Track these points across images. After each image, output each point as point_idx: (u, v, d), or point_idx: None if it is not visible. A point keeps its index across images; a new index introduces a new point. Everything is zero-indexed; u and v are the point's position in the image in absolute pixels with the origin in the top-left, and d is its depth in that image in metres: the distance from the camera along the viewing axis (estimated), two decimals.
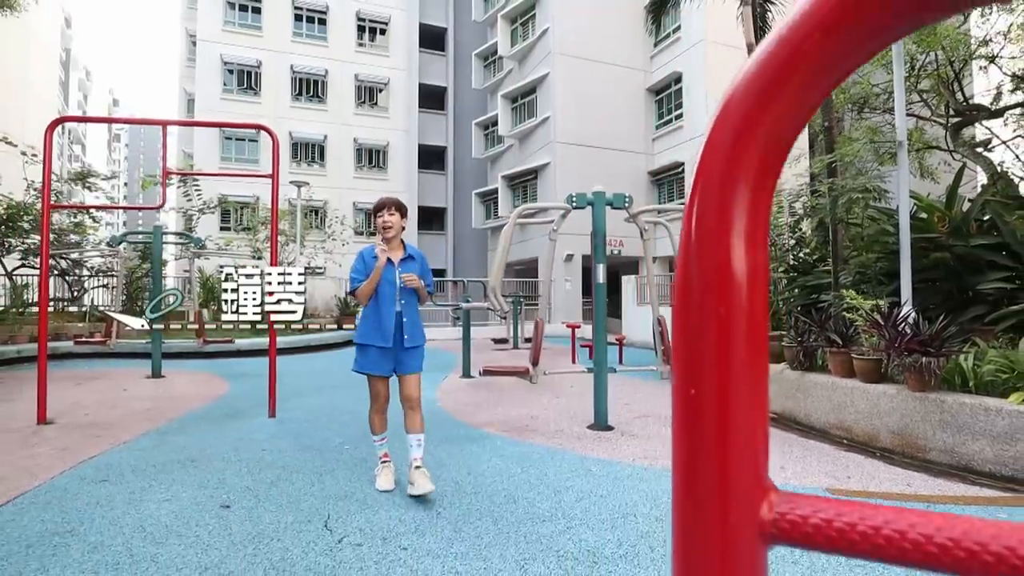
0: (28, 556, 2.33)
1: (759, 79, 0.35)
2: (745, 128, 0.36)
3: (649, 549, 2.40)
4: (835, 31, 0.32)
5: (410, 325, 3.13)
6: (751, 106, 0.36)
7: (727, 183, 0.37)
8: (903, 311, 4.62)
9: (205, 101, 22.55)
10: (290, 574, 2.17)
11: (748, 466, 0.34)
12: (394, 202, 3.21)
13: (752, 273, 0.35)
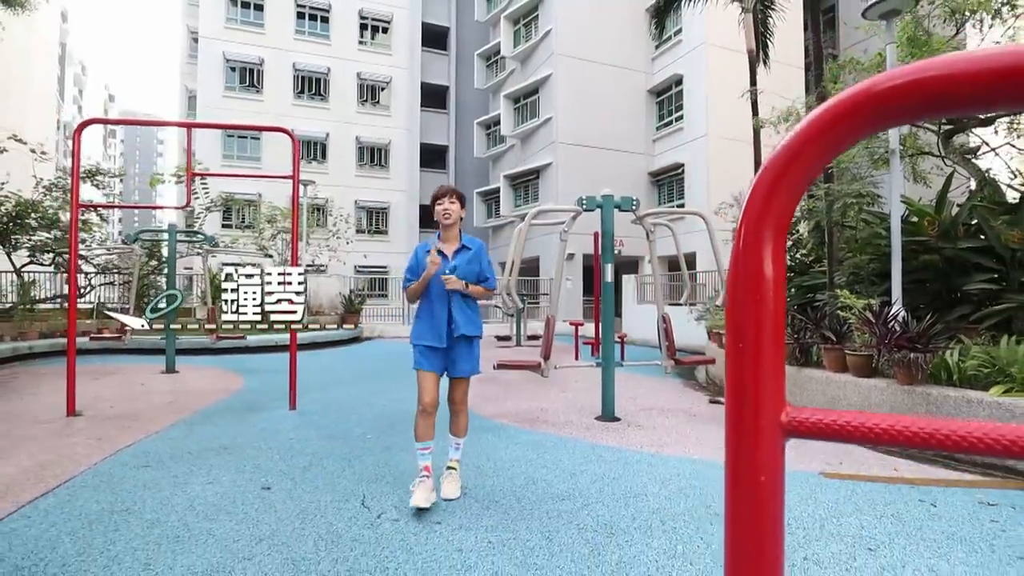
0: (92, 531, 2.55)
1: (785, 153, 0.58)
2: (775, 183, 0.59)
3: (660, 523, 2.64)
4: (837, 126, 0.55)
5: (459, 315, 2.96)
6: (779, 170, 0.59)
7: (762, 218, 0.60)
8: (893, 310, 4.87)
9: (207, 98, 22.70)
10: (337, 544, 2.40)
11: (772, 390, 0.57)
12: (454, 190, 3.04)
13: (776, 276, 0.58)
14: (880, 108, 0.52)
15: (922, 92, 0.50)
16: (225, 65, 23.12)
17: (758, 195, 0.60)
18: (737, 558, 0.57)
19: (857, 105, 0.54)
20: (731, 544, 0.58)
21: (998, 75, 0.46)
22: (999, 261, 5.36)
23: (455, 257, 2.99)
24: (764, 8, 10.76)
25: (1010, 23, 6.65)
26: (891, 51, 5.23)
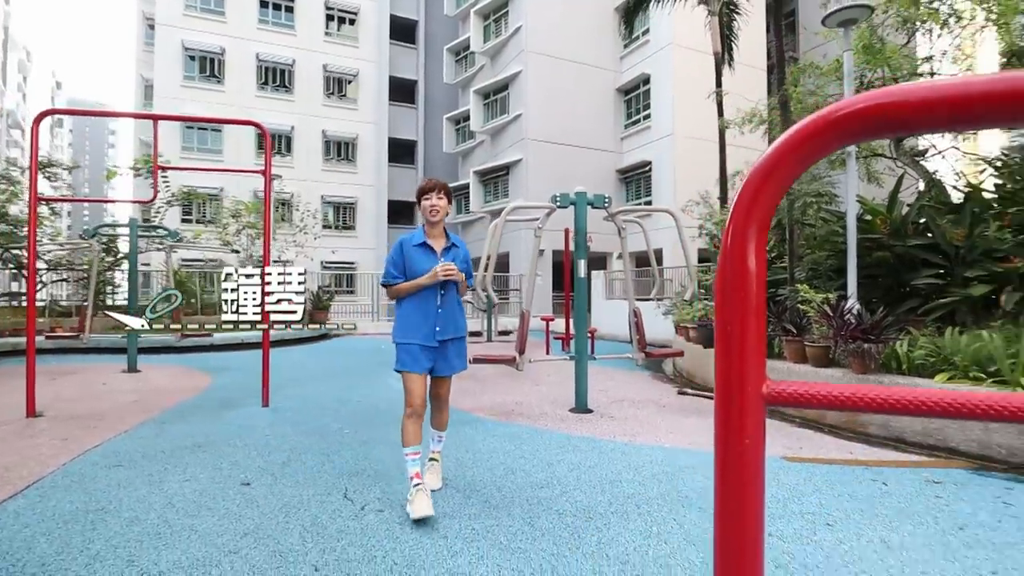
0: (68, 531, 2.52)
1: (764, 166, 0.67)
2: (757, 191, 0.68)
3: (635, 507, 2.77)
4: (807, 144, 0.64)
5: (447, 315, 2.85)
6: (759, 181, 0.68)
7: (746, 221, 0.69)
8: (849, 303, 5.15)
9: (165, 88, 21.95)
10: (324, 536, 2.44)
11: (755, 366, 0.66)
12: (442, 185, 2.88)
13: (758, 270, 0.68)
14: (842, 130, 0.62)
15: (875, 116, 0.60)
16: (184, 54, 22.38)
17: (743, 202, 0.69)
18: (726, 507, 0.67)
19: (823, 127, 0.63)
20: (720, 496, 0.67)
21: (931, 104, 0.56)
22: (944, 257, 5.70)
23: (444, 255, 2.86)
24: (729, 12, 11.09)
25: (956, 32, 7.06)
26: (848, 58, 5.50)
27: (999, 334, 4.30)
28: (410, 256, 2.81)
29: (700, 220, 8.88)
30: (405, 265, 2.81)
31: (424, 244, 2.85)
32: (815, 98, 7.84)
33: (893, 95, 0.60)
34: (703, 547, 2.34)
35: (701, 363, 6.89)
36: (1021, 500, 2.93)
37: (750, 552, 0.66)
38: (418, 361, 2.77)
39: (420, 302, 2.81)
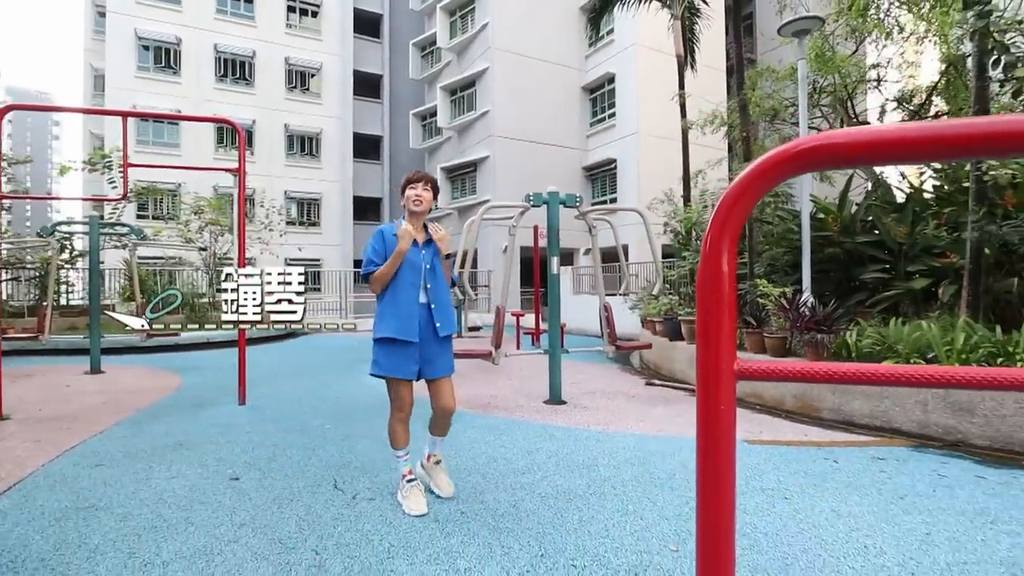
0: (62, 528, 2.55)
1: (737, 188, 0.84)
2: (730, 208, 0.85)
3: (611, 488, 2.97)
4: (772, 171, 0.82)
5: (441, 310, 2.69)
6: (732, 200, 0.86)
7: (721, 233, 0.86)
8: (804, 297, 5.51)
9: (117, 79, 21.11)
10: (321, 522, 2.55)
11: (728, 348, 0.84)
12: (430, 178, 2.82)
13: (729, 270, 0.85)
14: (797, 163, 0.80)
15: (822, 153, 0.78)
16: (137, 43, 21.55)
17: (719, 218, 0.87)
18: (707, 456, 0.84)
19: (783, 160, 0.81)
20: (701, 452, 0.85)
21: (866, 145, 0.75)
22: (889, 253, 6.14)
23: (425, 247, 2.73)
24: (691, 16, 11.47)
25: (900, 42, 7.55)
26: (802, 66, 5.85)
27: (936, 324, 4.69)
28: (392, 245, 2.67)
29: (665, 218, 9.20)
30: (387, 254, 2.67)
31: None
32: (771, 101, 8.23)
33: (836, 137, 0.78)
34: (675, 521, 2.56)
35: (667, 355, 7.19)
36: (953, 472, 3.27)
37: (725, 489, 0.83)
38: (402, 366, 2.61)
39: (399, 294, 2.64)
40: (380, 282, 2.67)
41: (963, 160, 6.06)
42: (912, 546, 2.31)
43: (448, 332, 2.70)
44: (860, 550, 2.28)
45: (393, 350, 2.62)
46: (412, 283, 2.67)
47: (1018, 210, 5.13)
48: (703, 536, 0.85)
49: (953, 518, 2.59)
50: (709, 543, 0.85)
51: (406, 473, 2.73)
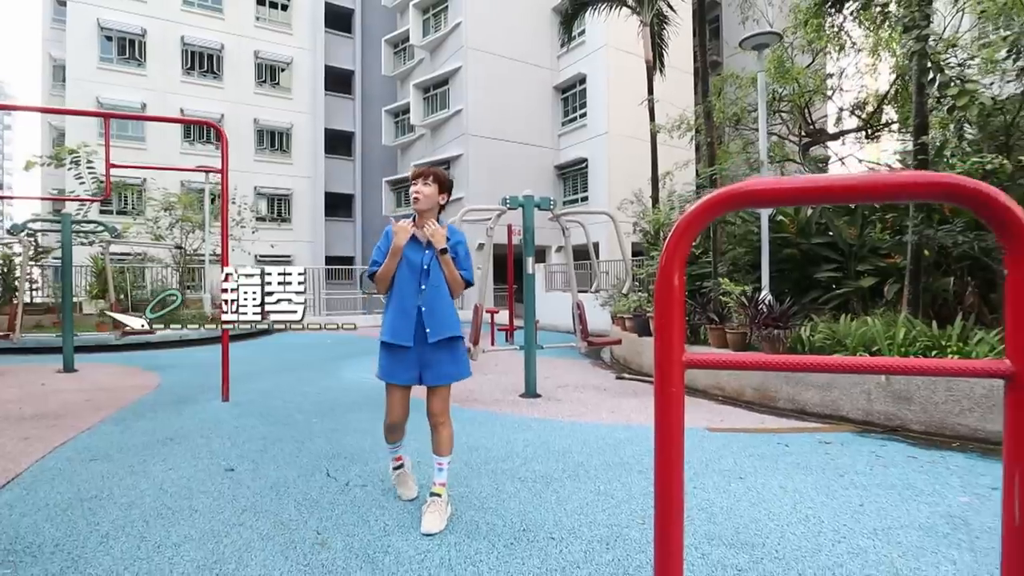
0: (69, 516, 2.69)
1: (688, 217, 1.10)
2: (682, 235, 1.11)
3: (585, 472, 3.25)
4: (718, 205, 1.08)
5: (431, 314, 2.53)
6: (684, 228, 1.12)
7: (674, 254, 1.12)
8: (763, 295, 5.90)
9: (79, 71, 20.51)
10: (318, 506, 2.75)
11: (678, 342, 1.10)
12: (432, 172, 2.62)
13: (679, 283, 1.11)
14: (734, 202, 1.07)
15: (746, 197, 1.05)
16: (100, 34, 20.96)
17: (672, 242, 1.13)
18: (663, 426, 1.10)
19: (725, 199, 1.07)
20: (659, 419, 1.11)
21: (774, 192, 1.02)
22: (841, 254, 6.59)
23: (431, 248, 2.57)
24: (660, 23, 11.85)
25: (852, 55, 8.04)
26: (761, 78, 6.23)
27: (881, 320, 5.13)
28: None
29: (635, 218, 9.56)
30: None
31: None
32: (735, 108, 8.65)
33: (754, 186, 1.05)
34: (642, 500, 2.84)
35: (636, 350, 7.54)
36: (889, 453, 3.66)
37: (675, 450, 1.10)
38: (396, 368, 2.53)
39: (399, 293, 2.55)
40: (382, 282, 2.58)
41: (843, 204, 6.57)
42: (846, 515, 2.65)
43: (439, 337, 2.53)
44: (802, 519, 2.60)
45: (391, 354, 2.55)
46: (409, 284, 2.55)
47: (954, 216, 5.61)
48: (660, 481, 1.11)
49: (884, 492, 2.95)
50: (664, 490, 1.11)
51: (394, 460, 2.88)
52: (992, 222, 0.97)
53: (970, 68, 5.70)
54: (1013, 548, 0.94)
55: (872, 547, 2.32)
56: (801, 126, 8.80)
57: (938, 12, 5.86)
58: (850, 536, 2.43)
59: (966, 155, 4.48)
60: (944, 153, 5.35)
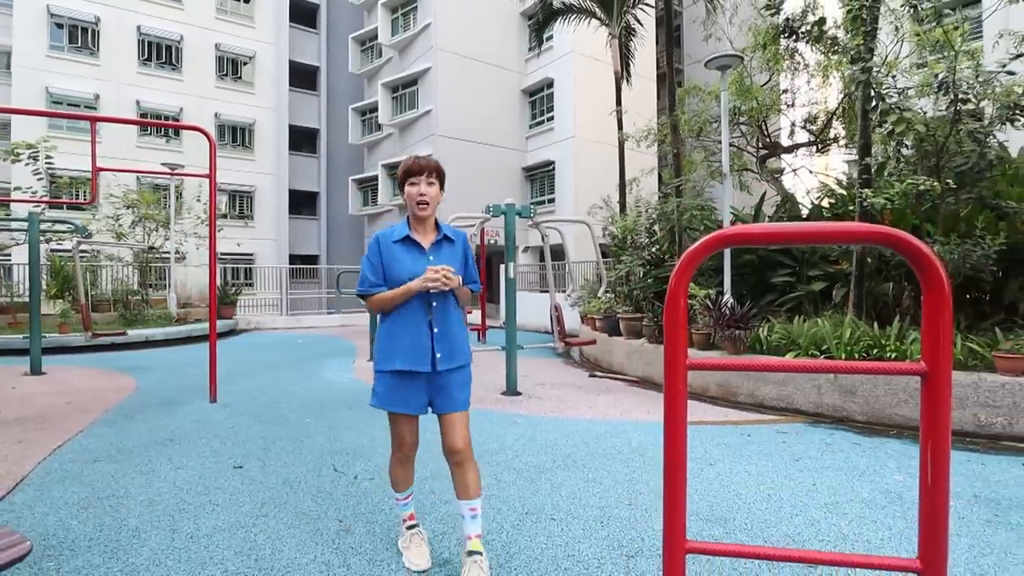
0: (93, 513, 2.82)
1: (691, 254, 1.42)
2: (684, 269, 1.43)
3: (573, 462, 3.57)
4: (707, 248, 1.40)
5: (444, 337, 2.18)
6: (687, 261, 1.44)
7: (680, 280, 1.44)
8: (725, 298, 6.37)
9: (26, 58, 19.59)
10: (333, 498, 2.98)
11: (682, 349, 1.42)
12: (433, 167, 2.20)
13: (683, 303, 1.43)
14: (721, 244, 1.40)
15: (736, 238, 1.38)
16: (50, 20, 20.04)
17: (679, 273, 1.45)
18: (672, 419, 1.42)
19: (714, 242, 1.40)
20: (668, 413, 1.42)
21: (761, 236, 1.35)
22: (795, 260, 7.15)
23: (434, 252, 2.21)
24: (627, 35, 12.33)
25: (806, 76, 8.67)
26: (725, 97, 6.71)
27: (829, 321, 5.66)
28: (391, 255, 2.17)
29: (604, 222, 9.98)
30: (385, 268, 2.17)
31: (407, 239, 2.20)
32: (699, 120, 9.17)
33: (743, 230, 1.38)
34: (627, 485, 3.19)
35: (607, 349, 7.94)
36: (837, 441, 4.12)
37: (680, 432, 1.41)
38: (402, 395, 2.17)
39: (407, 316, 2.17)
40: (382, 307, 2.20)
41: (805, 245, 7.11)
42: (802, 493, 3.06)
43: (451, 365, 2.19)
44: (764, 498, 2.99)
45: (397, 379, 2.17)
46: (418, 303, 2.17)
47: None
48: (669, 456, 1.43)
49: (833, 473, 3.38)
50: (671, 473, 1.43)
51: (406, 518, 2.36)
52: (910, 259, 1.32)
53: (910, 89, 6.32)
54: (927, 501, 1.30)
55: (823, 518, 2.73)
56: (759, 139, 9.39)
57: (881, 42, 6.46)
58: (805, 510, 2.83)
59: (903, 175, 5.03)
60: (884, 173, 5.93)
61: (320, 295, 21.95)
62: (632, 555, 2.37)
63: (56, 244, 10.92)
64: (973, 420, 4.34)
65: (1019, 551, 2.39)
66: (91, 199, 5.24)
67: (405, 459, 2.32)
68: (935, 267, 1.30)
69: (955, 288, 6.01)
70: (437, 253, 2.22)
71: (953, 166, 4.82)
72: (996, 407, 4.27)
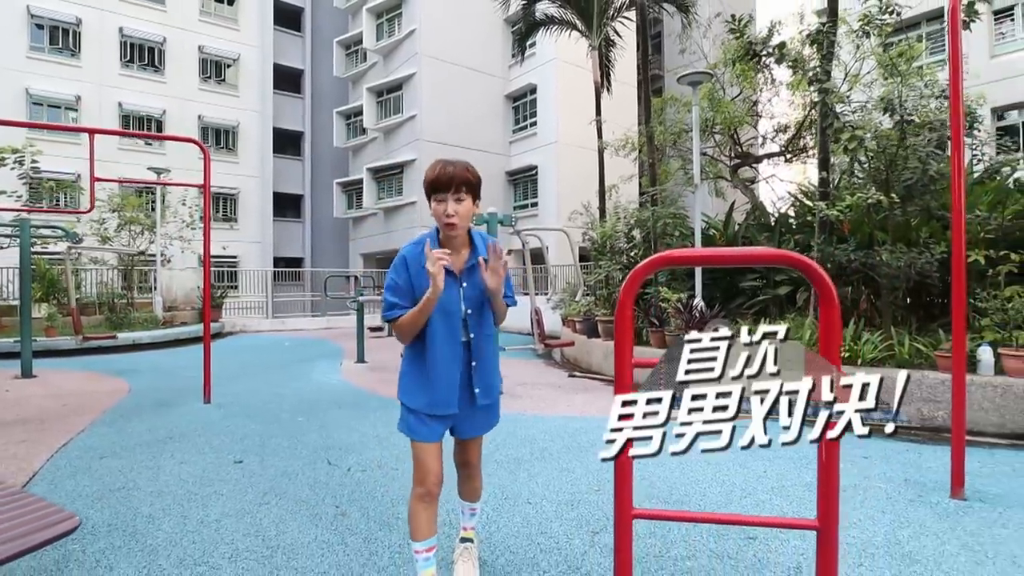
0: (107, 503, 3.06)
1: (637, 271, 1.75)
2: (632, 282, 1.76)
3: (550, 455, 3.89)
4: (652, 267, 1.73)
5: (482, 372, 2.01)
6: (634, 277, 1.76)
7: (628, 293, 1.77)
8: (696, 301, 6.75)
9: (6, 59, 19.45)
10: (329, 488, 3.25)
11: (629, 349, 1.75)
12: (462, 179, 1.91)
13: (629, 313, 1.76)
14: (661, 264, 1.72)
15: (674, 260, 1.70)
16: (30, 21, 19.90)
17: (626, 288, 1.77)
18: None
19: (657, 262, 1.73)
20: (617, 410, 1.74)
21: (700, 258, 1.68)
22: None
23: (465, 275, 1.96)
24: (607, 46, 12.74)
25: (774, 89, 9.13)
26: (696, 111, 7.10)
27: (792, 323, 6.06)
28: (419, 275, 1.91)
29: (583, 228, 10.34)
30: (415, 287, 1.92)
31: None
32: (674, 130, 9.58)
33: (675, 254, 1.71)
34: (597, 474, 3.51)
35: (586, 350, 8.28)
36: None
37: None
38: (428, 426, 1.98)
39: (435, 349, 1.94)
40: (406, 332, 1.94)
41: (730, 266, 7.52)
42: (752, 479, 3.41)
43: (489, 400, 2.07)
44: (719, 483, 3.34)
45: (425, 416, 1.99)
46: (448, 334, 1.95)
47: (851, 235, 6.64)
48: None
49: (783, 462, 3.75)
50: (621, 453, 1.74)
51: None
52: (810, 280, 1.66)
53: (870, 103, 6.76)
54: (823, 476, 1.64)
55: (769, 500, 3.08)
56: (731, 147, 9.83)
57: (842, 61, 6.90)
58: (754, 493, 3.18)
59: (855, 189, 5.44)
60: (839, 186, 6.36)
61: (305, 298, 22.06)
62: (597, 531, 2.69)
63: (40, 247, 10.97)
64: (917, 415, 4.76)
65: (932, 524, 2.76)
66: (89, 208, 5.43)
67: (429, 496, 1.99)
68: (828, 285, 1.64)
69: (909, 292, 6.48)
70: (469, 278, 1.95)
71: (901, 180, 5.24)
72: (937, 402, 4.70)
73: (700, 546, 2.51)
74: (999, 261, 4.94)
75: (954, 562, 2.39)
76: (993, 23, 13.18)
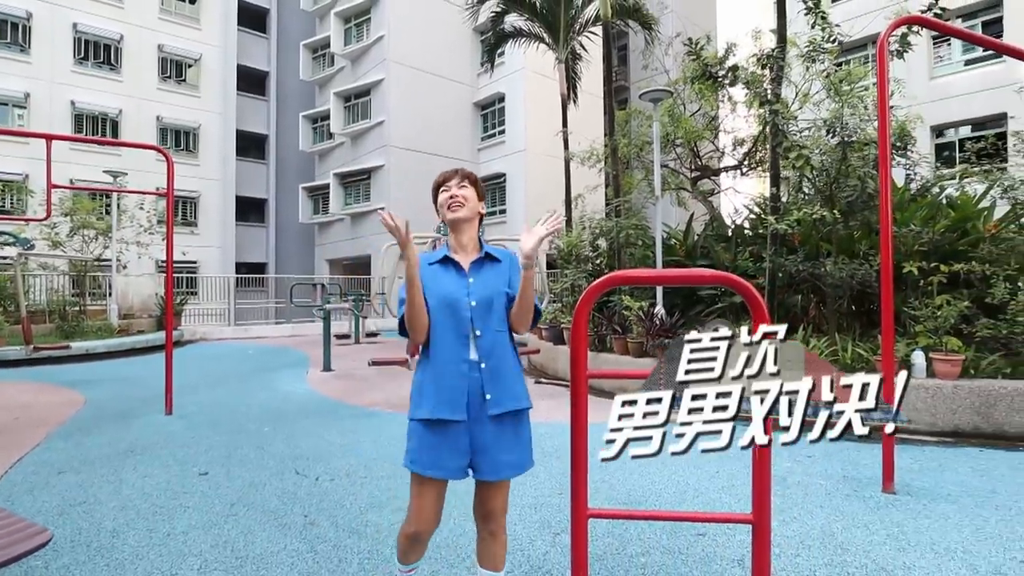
0: (68, 519, 3.04)
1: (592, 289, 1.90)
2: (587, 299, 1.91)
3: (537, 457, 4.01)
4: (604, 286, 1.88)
5: (494, 373, 1.83)
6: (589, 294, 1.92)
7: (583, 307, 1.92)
8: (656, 309, 7.00)
9: None
10: (297, 498, 3.30)
11: (584, 359, 1.89)
12: (464, 172, 1.99)
13: (584, 324, 1.91)
14: (613, 283, 1.88)
15: (624, 279, 1.86)
16: None
17: (582, 304, 1.92)
18: (576, 413, 1.88)
19: (608, 281, 1.88)
20: (573, 409, 1.88)
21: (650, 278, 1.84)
22: None
23: (473, 272, 1.88)
24: (573, 59, 13.04)
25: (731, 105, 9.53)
26: (657, 126, 7.39)
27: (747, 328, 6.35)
28: (430, 274, 1.87)
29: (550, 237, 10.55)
30: (425, 289, 1.83)
31: (446, 259, 1.90)
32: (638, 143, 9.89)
33: (634, 273, 1.87)
34: (560, 479, 3.65)
35: (551, 357, 8.45)
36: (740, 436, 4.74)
37: (582, 429, 1.88)
38: (438, 457, 1.78)
39: (441, 349, 1.82)
40: (414, 329, 1.81)
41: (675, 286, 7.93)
42: (705, 478, 3.62)
43: (504, 409, 1.84)
44: (674, 484, 3.53)
45: (431, 433, 1.80)
46: (454, 332, 1.82)
47: (801, 247, 7.02)
48: (575, 450, 1.89)
49: (733, 463, 3.96)
50: (576, 455, 1.89)
51: None
52: (744, 298, 1.84)
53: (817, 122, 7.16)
54: (757, 475, 1.82)
55: (719, 498, 3.28)
56: (691, 159, 10.21)
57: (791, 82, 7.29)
58: (706, 492, 3.38)
59: (804, 204, 5.78)
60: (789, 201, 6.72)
61: (268, 304, 21.62)
62: (558, 532, 2.83)
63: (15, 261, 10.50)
64: None
65: (863, 517, 3.01)
66: (46, 216, 5.30)
67: (417, 537, 1.85)
68: (760, 304, 1.82)
69: (854, 300, 6.87)
70: (477, 273, 1.88)
71: (843, 196, 5.60)
72: None
73: (654, 543, 2.67)
74: (931, 272, 5.32)
75: (880, 550, 2.62)
76: (932, 47, 14.04)
